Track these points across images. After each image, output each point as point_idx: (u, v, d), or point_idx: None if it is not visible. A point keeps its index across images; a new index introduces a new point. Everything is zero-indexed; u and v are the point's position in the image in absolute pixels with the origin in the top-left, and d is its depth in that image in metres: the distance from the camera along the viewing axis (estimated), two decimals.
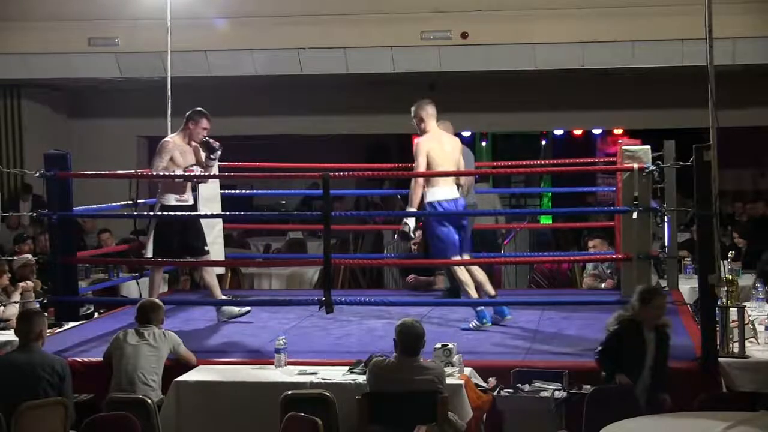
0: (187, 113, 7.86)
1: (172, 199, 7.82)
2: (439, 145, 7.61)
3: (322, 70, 13.05)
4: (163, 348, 6.35)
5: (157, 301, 6.71)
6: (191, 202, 8.00)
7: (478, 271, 7.76)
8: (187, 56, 11.95)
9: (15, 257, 8.86)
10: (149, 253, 7.84)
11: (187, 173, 7.81)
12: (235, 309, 8.03)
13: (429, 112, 7.67)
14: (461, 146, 7.87)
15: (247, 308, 8.02)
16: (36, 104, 14.98)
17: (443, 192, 7.57)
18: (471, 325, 7.61)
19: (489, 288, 7.78)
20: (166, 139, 7.92)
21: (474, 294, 7.63)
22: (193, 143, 7.88)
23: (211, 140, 7.91)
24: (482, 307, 7.64)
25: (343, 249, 13.02)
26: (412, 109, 7.71)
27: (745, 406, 5.55)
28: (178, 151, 7.82)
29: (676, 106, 13.81)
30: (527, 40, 12.45)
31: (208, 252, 8.00)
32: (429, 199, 7.54)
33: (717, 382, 6.21)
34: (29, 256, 8.49)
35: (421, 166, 7.47)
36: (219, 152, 7.91)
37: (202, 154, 7.93)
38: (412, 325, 5.74)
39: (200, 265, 8.56)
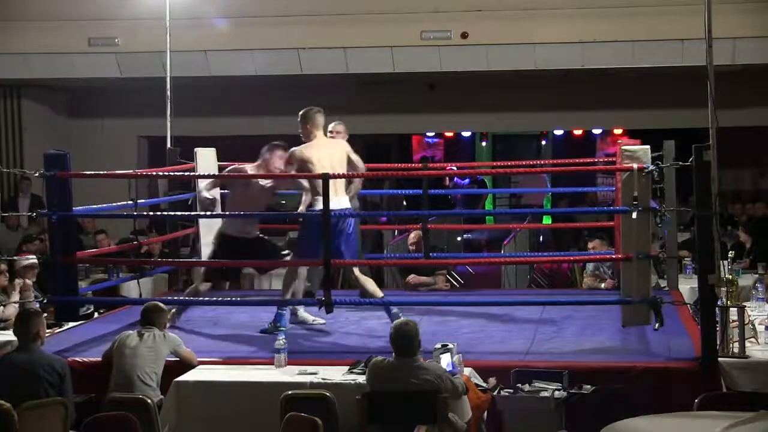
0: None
1: (232, 230, 7.72)
2: (318, 154, 7.36)
3: (322, 70, 13.05)
4: (161, 348, 6.36)
5: (160, 304, 6.71)
6: (254, 236, 7.83)
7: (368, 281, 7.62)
8: (187, 56, 11.96)
9: (16, 257, 8.85)
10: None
11: (184, 173, 7.80)
12: (310, 317, 7.97)
13: (317, 121, 7.47)
14: (348, 149, 7.61)
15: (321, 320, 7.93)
16: (36, 104, 14.97)
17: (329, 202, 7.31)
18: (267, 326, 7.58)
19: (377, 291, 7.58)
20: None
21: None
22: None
23: None
24: (284, 311, 7.54)
25: None
26: (300, 113, 7.52)
27: (745, 406, 5.55)
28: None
29: (676, 106, 13.81)
30: (527, 40, 12.45)
31: (287, 254, 7.86)
32: (317, 207, 7.30)
33: (717, 382, 6.21)
34: (33, 258, 8.48)
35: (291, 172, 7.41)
36: None
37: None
38: (402, 326, 5.73)
39: (199, 265, 8.55)
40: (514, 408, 6.03)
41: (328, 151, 7.47)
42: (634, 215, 6.64)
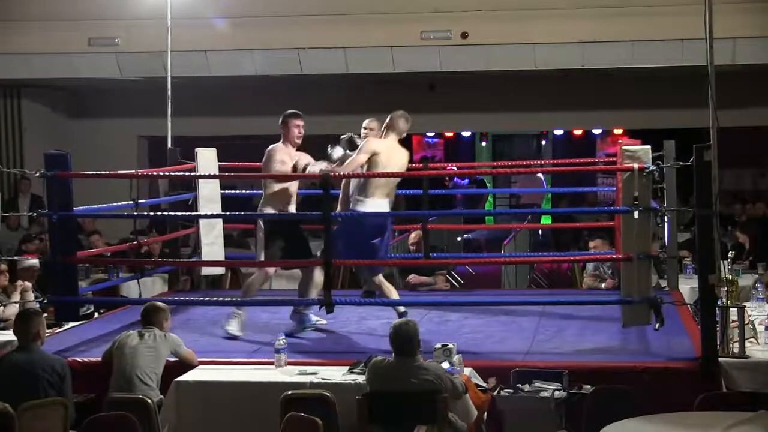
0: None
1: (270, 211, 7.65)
2: (388, 157, 7.46)
3: (322, 70, 13.05)
4: (162, 348, 6.36)
5: (161, 303, 6.70)
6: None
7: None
8: (187, 56, 11.95)
9: (17, 257, 8.85)
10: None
11: (184, 173, 7.80)
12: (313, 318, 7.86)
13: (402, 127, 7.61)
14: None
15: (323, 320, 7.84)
16: (36, 104, 14.98)
17: (376, 204, 7.41)
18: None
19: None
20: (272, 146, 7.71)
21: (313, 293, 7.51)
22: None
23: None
24: (307, 310, 7.56)
25: None
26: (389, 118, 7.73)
27: (745, 406, 5.55)
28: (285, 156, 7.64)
29: (676, 106, 13.82)
30: (527, 40, 12.45)
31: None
32: (364, 208, 7.35)
33: (717, 382, 6.21)
34: (36, 261, 8.47)
35: (360, 158, 7.34)
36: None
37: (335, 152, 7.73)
38: (401, 327, 5.74)
39: (199, 265, 8.56)
40: (514, 408, 6.02)
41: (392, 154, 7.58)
42: (635, 215, 6.64)
